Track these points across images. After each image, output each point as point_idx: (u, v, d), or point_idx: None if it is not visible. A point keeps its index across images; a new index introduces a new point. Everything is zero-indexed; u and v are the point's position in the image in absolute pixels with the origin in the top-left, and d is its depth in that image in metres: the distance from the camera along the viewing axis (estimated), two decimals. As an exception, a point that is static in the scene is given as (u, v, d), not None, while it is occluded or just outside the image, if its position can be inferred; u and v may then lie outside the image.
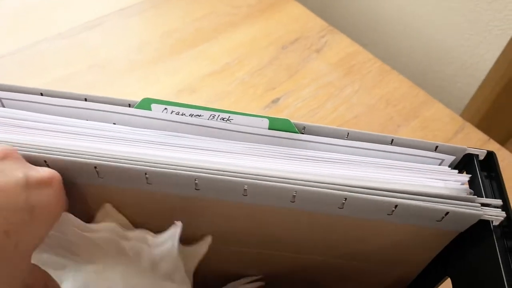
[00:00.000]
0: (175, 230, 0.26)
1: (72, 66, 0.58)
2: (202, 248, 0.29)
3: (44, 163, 0.24)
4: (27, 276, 0.22)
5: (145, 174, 0.24)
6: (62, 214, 0.24)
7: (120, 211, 0.28)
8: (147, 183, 0.25)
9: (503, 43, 0.65)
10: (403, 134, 0.56)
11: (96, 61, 0.59)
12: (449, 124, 0.58)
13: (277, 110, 0.57)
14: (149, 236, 0.27)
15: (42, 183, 0.22)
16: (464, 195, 0.26)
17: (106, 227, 0.26)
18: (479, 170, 0.28)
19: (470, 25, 0.67)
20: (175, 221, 0.27)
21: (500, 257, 0.25)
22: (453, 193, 0.27)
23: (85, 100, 0.28)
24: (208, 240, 0.29)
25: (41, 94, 0.28)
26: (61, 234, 0.25)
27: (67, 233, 0.25)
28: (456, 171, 0.28)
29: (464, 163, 0.29)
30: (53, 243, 0.27)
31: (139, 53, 0.61)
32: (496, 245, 0.25)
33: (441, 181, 0.28)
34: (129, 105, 0.27)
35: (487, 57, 0.68)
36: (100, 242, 0.26)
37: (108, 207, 0.27)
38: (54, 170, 0.23)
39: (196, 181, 0.24)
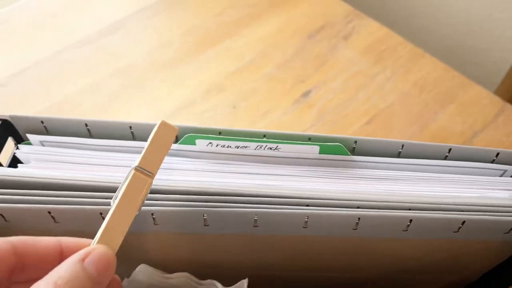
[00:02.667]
0: (242, 283, 0.26)
1: (95, 73, 0.57)
2: None
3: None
4: None
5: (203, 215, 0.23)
6: (140, 266, 0.24)
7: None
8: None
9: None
10: (441, 121, 0.54)
11: (118, 66, 0.57)
12: (488, 106, 0.55)
13: (308, 104, 0.55)
14: (219, 285, 0.26)
15: None
16: None
17: (180, 275, 0.25)
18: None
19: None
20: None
21: None
22: None
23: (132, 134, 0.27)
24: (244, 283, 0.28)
25: (86, 125, 0.27)
26: (138, 283, 0.25)
27: (145, 281, 0.25)
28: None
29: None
30: None
31: (161, 54, 0.59)
32: None
33: (506, 191, 0.26)
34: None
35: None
36: (180, 285, 0.25)
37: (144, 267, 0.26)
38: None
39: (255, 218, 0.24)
